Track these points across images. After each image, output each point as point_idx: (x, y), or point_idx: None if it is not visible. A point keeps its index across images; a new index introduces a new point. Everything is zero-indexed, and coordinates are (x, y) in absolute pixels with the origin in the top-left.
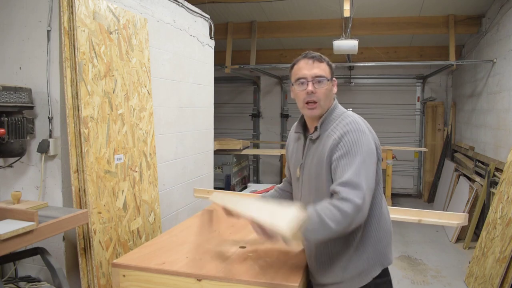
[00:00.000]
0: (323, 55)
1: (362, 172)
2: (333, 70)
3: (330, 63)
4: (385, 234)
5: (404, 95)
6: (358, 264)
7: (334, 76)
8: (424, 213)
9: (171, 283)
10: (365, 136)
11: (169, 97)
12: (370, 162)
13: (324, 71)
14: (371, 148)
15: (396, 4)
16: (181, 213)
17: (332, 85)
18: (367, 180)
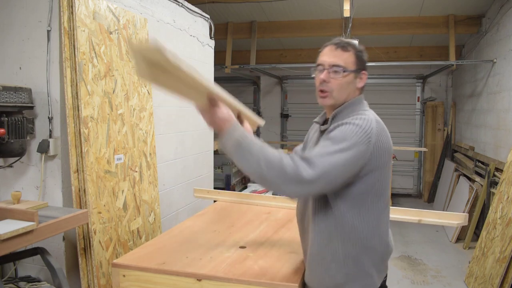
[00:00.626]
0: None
1: (329, 159)
2: (363, 61)
3: (360, 53)
4: (375, 255)
5: (404, 95)
6: (336, 277)
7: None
8: (424, 213)
9: (171, 283)
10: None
11: (169, 97)
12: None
13: (345, 61)
14: (357, 148)
15: (396, 4)
16: (181, 213)
17: (356, 77)
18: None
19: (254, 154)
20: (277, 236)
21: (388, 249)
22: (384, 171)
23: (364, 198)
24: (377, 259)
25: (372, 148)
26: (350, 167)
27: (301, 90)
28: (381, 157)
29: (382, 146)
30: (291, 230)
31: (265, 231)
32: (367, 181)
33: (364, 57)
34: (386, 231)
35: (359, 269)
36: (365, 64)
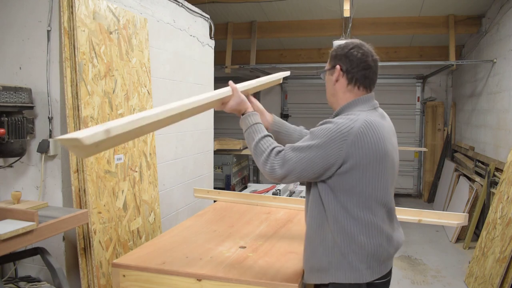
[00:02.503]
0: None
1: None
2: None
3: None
4: (362, 251)
5: (404, 95)
6: (321, 261)
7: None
8: (424, 213)
9: (171, 283)
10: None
11: (169, 97)
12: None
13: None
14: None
15: (396, 4)
16: (181, 213)
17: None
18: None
19: (252, 143)
20: (277, 236)
21: (380, 249)
22: (368, 172)
23: (347, 197)
24: (365, 257)
25: (349, 147)
26: (318, 162)
27: (301, 90)
28: (363, 157)
29: (365, 145)
30: (291, 230)
31: (265, 231)
32: (348, 179)
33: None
34: (379, 233)
35: (344, 261)
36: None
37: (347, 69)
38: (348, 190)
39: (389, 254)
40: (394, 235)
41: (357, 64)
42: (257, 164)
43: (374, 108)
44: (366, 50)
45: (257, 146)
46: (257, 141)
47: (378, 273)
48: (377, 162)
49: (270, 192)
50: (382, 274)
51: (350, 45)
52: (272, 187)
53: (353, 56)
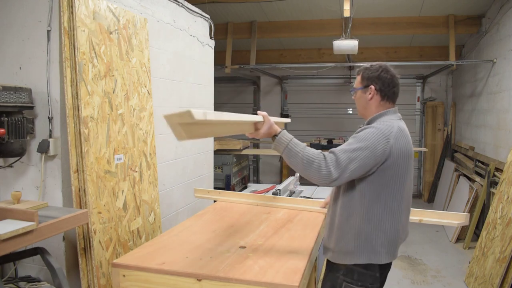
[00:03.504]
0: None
1: (351, 155)
2: (370, 76)
3: (367, 72)
4: (384, 236)
5: (404, 95)
6: (348, 245)
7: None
8: (425, 213)
9: (171, 283)
10: (379, 136)
11: (169, 97)
12: (365, 154)
13: (355, 83)
14: (375, 147)
15: (396, 4)
16: (181, 213)
17: (364, 92)
18: (349, 162)
19: (299, 155)
20: (277, 236)
21: (397, 235)
22: (401, 170)
23: (383, 189)
24: (386, 241)
25: (390, 148)
26: (368, 161)
27: (301, 90)
28: (398, 157)
29: (400, 148)
30: (291, 230)
31: (265, 231)
32: (387, 174)
33: (371, 74)
34: (398, 221)
35: (368, 245)
36: (372, 79)
37: (380, 88)
38: (385, 184)
39: (401, 240)
40: (406, 227)
41: (388, 84)
42: (309, 173)
43: (400, 119)
44: (392, 72)
45: (305, 157)
46: (302, 153)
47: (393, 256)
48: (406, 160)
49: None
50: (395, 258)
51: (378, 68)
52: (272, 187)
53: (385, 78)
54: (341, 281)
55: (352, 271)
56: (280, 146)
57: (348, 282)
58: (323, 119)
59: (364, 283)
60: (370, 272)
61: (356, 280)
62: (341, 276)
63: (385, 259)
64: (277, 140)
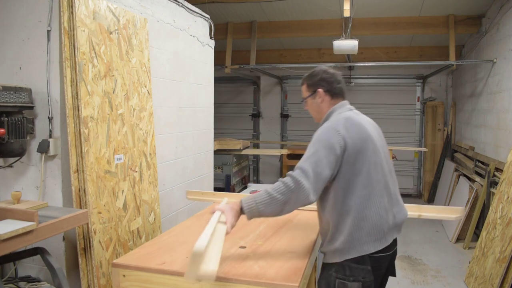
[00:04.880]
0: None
1: (311, 159)
2: (313, 83)
3: (309, 80)
4: (367, 224)
5: (404, 95)
6: (335, 244)
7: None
8: (424, 208)
9: (171, 283)
10: (329, 132)
11: (169, 97)
12: (325, 153)
13: (303, 92)
14: (330, 143)
15: (396, 4)
16: (181, 213)
17: (314, 98)
18: (314, 166)
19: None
20: (277, 236)
21: (382, 220)
22: (363, 156)
23: (352, 179)
24: (371, 229)
25: (343, 138)
26: (330, 158)
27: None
28: (355, 144)
29: (353, 135)
30: (291, 230)
31: (265, 231)
32: (350, 164)
33: (315, 79)
34: (379, 205)
35: (354, 238)
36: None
37: (327, 88)
38: (353, 173)
39: (389, 224)
40: (393, 209)
41: (332, 82)
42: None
43: (350, 110)
44: (332, 71)
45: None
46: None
47: (384, 242)
48: (365, 144)
49: None
50: (387, 243)
51: (319, 71)
52: None
53: (328, 78)
54: (334, 279)
55: (343, 267)
56: (254, 211)
57: (340, 278)
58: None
59: (356, 277)
60: (361, 266)
61: (348, 275)
62: (333, 274)
63: (374, 247)
64: (246, 212)
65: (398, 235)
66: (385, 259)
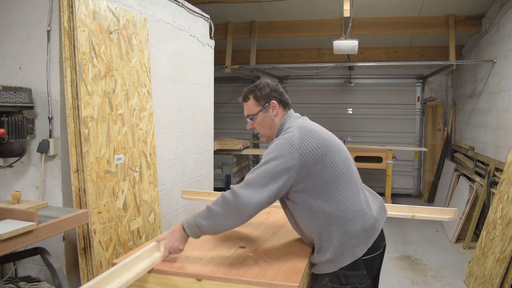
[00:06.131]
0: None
1: (258, 172)
2: (264, 96)
3: (258, 93)
4: (354, 226)
5: (404, 95)
6: (326, 255)
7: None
8: (417, 209)
9: (171, 283)
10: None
11: (169, 97)
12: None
13: (250, 108)
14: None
15: (396, 4)
16: (181, 213)
17: (266, 111)
18: (259, 180)
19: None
20: (277, 236)
21: (365, 216)
22: (328, 160)
23: (324, 186)
24: (359, 228)
25: (299, 149)
26: (279, 170)
27: (301, 90)
28: (315, 151)
29: (310, 143)
30: (291, 230)
31: (265, 231)
32: (317, 173)
33: (265, 91)
34: (359, 202)
35: (345, 244)
36: (269, 95)
37: (280, 99)
38: (321, 182)
39: (373, 217)
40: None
41: (281, 93)
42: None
43: (299, 117)
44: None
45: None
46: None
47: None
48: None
49: None
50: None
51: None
52: None
53: (277, 89)
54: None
55: (338, 276)
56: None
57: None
58: (323, 119)
59: (353, 284)
60: (356, 272)
61: (345, 284)
62: (328, 283)
63: (366, 246)
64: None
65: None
66: (377, 259)
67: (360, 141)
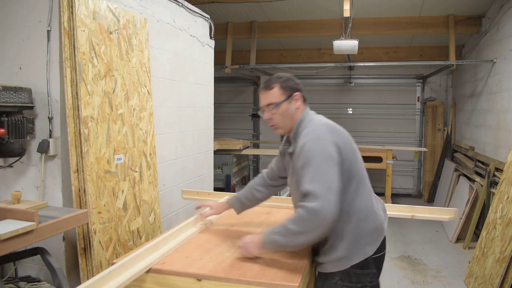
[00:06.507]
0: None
1: (317, 178)
2: (290, 87)
3: (284, 83)
4: (368, 225)
5: (404, 95)
6: (338, 252)
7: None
8: (417, 209)
9: (171, 283)
10: (321, 143)
11: (169, 97)
12: (327, 166)
13: (274, 97)
14: (327, 153)
15: (396, 4)
16: (181, 213)
17: (290, 102)
18: (323, 184)
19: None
20: None
21: (377, 216)
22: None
23: (349, 182)
24: (371, 228)
25: (335, 143)
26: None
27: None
28: (344, 147)
29: (340, 138)
30: None
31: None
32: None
33: (291, 83)
34: (372, 202)
35: (358, 242)
36: (294, 87)
37: (302, 94)
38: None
39: (382, 218)
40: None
41: (302, 89)
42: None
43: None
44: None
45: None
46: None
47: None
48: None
49: None
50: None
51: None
52: None
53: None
54: (340, 287)
55: (349, 274)
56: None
57: (348, 286)
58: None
59: (363, 283)
60: (366, 270)
61: (355, 282)
62: (339, 282)
63: (375, 245)
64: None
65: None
66: (383, 258)
67: (360, 141)
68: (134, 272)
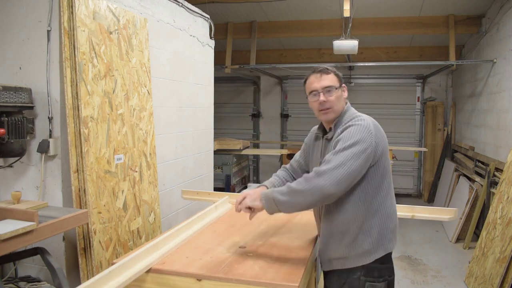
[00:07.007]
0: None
1: (341, 154)
2: (341, 78)
3: (337, 72)
4: (392, 222)
5: (404, 95)
6: (363, 246)
7: (343, 83)
8: (417, 209)
9: (171, 283)
10: (364, 131)
11: (169, 97)
12: (357, 153)
13: (332, 81)
14: (363, 143)
15: (396, 4)
16: (181, 213)
17: (342, 91)
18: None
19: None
20: (277, 236)
21: (396, 215)
22: (386, 156)
23: (383, 179)
24: (393, 226)
25: (375, 138)
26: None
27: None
28: (384, 143)
29: (380, 136)
30: (291, 230)
31: (265, 231)
32: (381, 164)
33: (341, 75)
34: (394, 201)
35: (382, 237)
36: (342, 79)
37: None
38: (382, 174)
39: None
40: None
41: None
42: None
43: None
44: None
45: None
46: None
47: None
48: (386, 144)
49: None
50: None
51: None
52: None
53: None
54: (363, 282)
55: (372, 269)
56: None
57: (371, 281)
58: None
59: (384, 277)
60: (387, 264)
61: (377, 277)
62: (362, 277)
63: (395, 243)
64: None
65: None
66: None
67: None
68: (134, 272)
